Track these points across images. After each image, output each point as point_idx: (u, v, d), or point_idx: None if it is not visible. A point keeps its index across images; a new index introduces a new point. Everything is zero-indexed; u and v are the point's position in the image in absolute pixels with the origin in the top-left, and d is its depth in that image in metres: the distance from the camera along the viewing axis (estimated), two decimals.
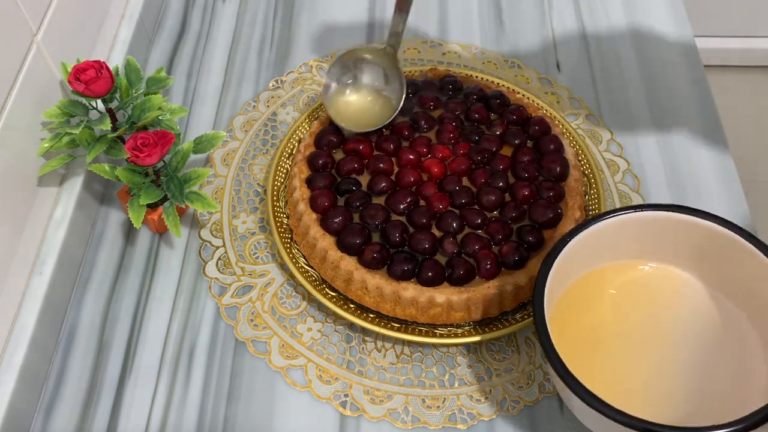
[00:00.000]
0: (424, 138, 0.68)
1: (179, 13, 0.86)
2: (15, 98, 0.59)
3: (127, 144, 0.59)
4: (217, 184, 0.71)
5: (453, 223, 0.61)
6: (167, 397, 0.59)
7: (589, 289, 0.56)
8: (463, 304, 0.58)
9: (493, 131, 0.69)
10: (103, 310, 0.64)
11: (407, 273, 0.59)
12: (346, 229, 0.61)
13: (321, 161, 0.66)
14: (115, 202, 0.70)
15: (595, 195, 0.67)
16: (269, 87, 0.79)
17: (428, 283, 0.58)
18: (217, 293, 0.64)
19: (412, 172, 0.65)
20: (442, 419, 0.57)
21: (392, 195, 0.64)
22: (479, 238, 0.61)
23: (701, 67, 0.81)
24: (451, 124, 0.69)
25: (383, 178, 0.65)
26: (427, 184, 0.65)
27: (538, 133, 0.68)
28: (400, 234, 0.61)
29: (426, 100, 0.71)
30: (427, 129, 0.69)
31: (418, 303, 0.58)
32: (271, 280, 0.65)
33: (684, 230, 0.54)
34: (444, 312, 0.59)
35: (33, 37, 0.62)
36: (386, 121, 0.67)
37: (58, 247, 0.62)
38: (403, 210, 0.63)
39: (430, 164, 0.66)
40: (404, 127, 0.69)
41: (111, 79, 0.61)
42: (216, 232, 0.68)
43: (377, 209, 0.62)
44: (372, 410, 0.58)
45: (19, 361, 0.56)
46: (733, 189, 0.71)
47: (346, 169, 0.66)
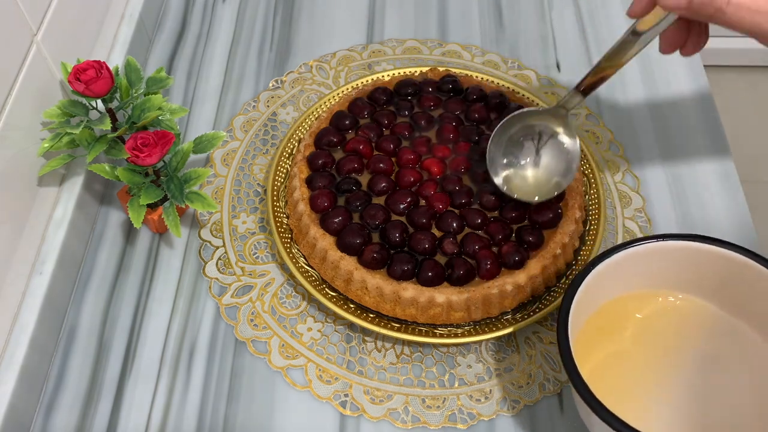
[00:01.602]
0: (424, 138, 0.68)
1: (179, 13, 0.86)
2: (15, 98, 0.59)
3: (127, 144, 0.59)
4: (217, 184, 0.71)
5: (453, 223, 0.61)
6: (167, 397, 0.59)
7: (613, 316, 0.56)
8: (463, 304, 0.58)
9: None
10: (103, 310, 0.63)
11: (407, 273, 0.59)
12: (346, 229, 0.61)
13: (321, 161, 0.66)
14: (115, 202, 0.70)
15: (594, 195, 0.67)
16: (269, 87, 0.79)
17: (428, 283, 0.58)
18: (217, 293, 0.64)
19: (411, 172, 0.65)
20: (442, 419, 0.57)
21: (392, 195, 0.64)
22: (479, 238, 0.61)
23: (701, 67, 0.81)
24: (450, 124, 0.69)
25: (383, 177, 0.65)
26: (426, 183, 0.64)
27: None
28: (400, 234, 0.60)
29: (426, 100, 0.71)
30: (427, 129, 0.69)
31: (418, 303, 0.58)
32: (271, 280, 0.65)
33: (707, 260, 0.54)
34: (444, 312, 0.59)
35: (33, 37, 0.62)
36: (562, 189, 0.63)
37: (58, 247, 0.62)
38: (403, 210, 0.63)
39: (430, 164, 0.66)
40: (404, 127, 0.69)
41: (111, 79, 0.61)
42: (216, 232, 0.68)
43: (377, 209, 0.62)
44: (372, 410, 0.58)
45: (19, 360, 0.56)
46: (733, 189, 0.71)
47: (346, 169, 0.65)
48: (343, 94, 0.74)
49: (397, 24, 0.85)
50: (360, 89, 0.72)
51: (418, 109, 0.71)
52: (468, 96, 0.71)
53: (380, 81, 0.73)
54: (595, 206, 0.66)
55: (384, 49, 0.82)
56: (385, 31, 0.84)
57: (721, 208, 0.69)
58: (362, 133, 0.68)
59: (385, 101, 0.71)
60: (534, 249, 0.61)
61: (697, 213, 0.69)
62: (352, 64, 0.80)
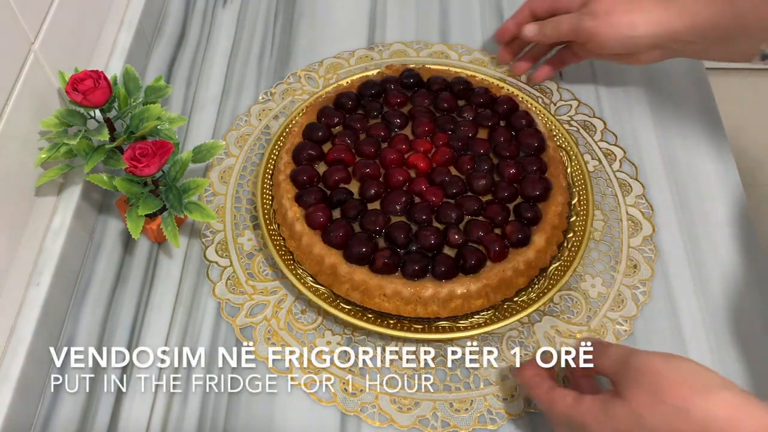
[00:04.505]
0: (402, 135, 0.68)
1: (179, 19, 0.86)
2: (12, 107, 0.58)
3: (126, 154, 0.58)
4: (217, 202, 0.70)
5: (452, 213, 0.62)
6: (165, 411, 0.58)
7: None
8: (482, 291, 0.59)
9: (465, 117, 0.69)
10: (101, 320, 0.63)
11: (421, 271, 0.59)
12: (352, 241, 0.60)
13: (305, 176, 0.65)
14: (113, 211, 0.69)
15: (577, 165, 0.69)
16: (259, 100, 0.78)
17: (444, 276, 0.58)
18: (230, 314, 0.63)
19: (399, 171, 0.65)
20: (472, 421, 0.57)
21: (386, 197, 0.63)
22: (481, 224, 0.61)
23: (703, 69, 0.81)
24: (424, 118, 0.69)
25: (373, 182, 0.64)
26: (417, 180, 0.64)
27: (508, 111, 0.69)
28: (405, 234, 0.60)
29: (392, 98, 0.71)
30: (402, 126, 0.69)
31: (439, 298, 0.58)
32: (284, 296, 0.64)
33: None
34: (465, 303, 0.59)
35: (30, 46, 0.61)
36: None
37: (56, 257, 0.61)
38: (401, 210, 0.63)
39: (415, 159, 0.66)
40: (379, 128, 0.68)
41: (109, 88, 0.60)
42: (222, 252, 0.66)
43: (376, 215, 0.62)
44: (400, 419, 0.57)
45: (16, 373, 0.56)
46: (734, 190, 0.71)
47: (333, 180, 0.65)
48: (306, 106, 0.73)
49: (399, 28, 0.84)
50: (324, 98, 0.72)
51: (387, 108, 0.70)
52: (431, 87, 0.72)
53: (341, 87, 0.73)
54: (580, 177, 0.68)
55: (371, 54, 0.81)
56: (387, 35, 0.84)
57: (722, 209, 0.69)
58: (339, 142, 0.67)
59: (351, 106, 0.70)
60: (534, 224, 0.62)
61: (699, 218, 0.69)
62: (341, 71, 0.80)
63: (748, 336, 0.62)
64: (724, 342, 0.62)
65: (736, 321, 0.63)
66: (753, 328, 0.62)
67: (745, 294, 0.64)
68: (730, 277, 0.65)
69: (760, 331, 0.62)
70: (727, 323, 0.62)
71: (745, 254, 0.66)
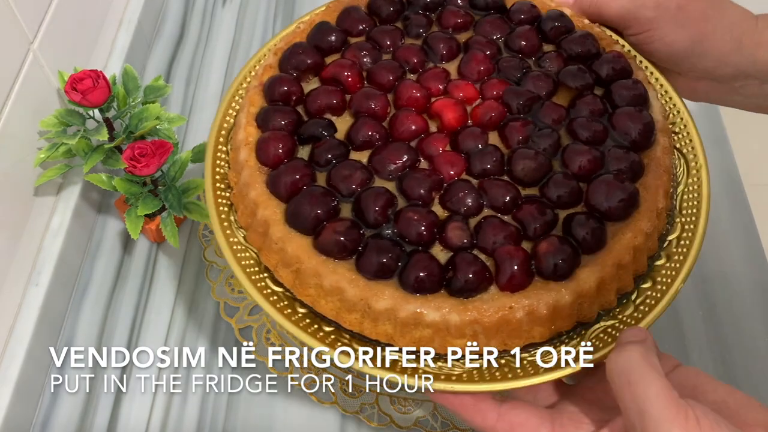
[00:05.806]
0: (440, 71, 0.49)
1: (178, 18, 0.85)
2: (11, 107, 0.58)
3: (125, 154, 0.58)
4: None
5: (467, 199, 0.42)
6: (165, 412, 0.58)
7: None
8: (467, 328, 0.39)
9: (545, 68, 0.50)
10: (100, 320, 0.63)
11: (384, 269, 0.40)
12: (302, 194, 0.42)
13: (282, 89, 0.47)
14: (112, 211, 0.69)
15: (697, 177, 0.47)
16: None
17: (416, 288, 0.39)
18: (230, 314, 0.62)
19: (414, 118, 0.46)
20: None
21: (381, 149, 0.45)
22: (503, 226, 0.41)
23: None
24: (482, 53, 0.49)
25: (371, 123, 0.45)
26: (434, 137, 0.45)
27: (613, 77, 0.48)
28: (383, 207, 0.42)
29: (450, 16, 0.51)
30: (448, 58, 0.50)
31: (397, 318, 0.40)
32: None
33: None
34: (436, 337, 0.40)
35: (29, 45, 0.61)
36: None
37: (55, 257, 0.61)
38: (394, 173, 0.44)
39: (444, 107, 0.46)
40: (413, 52, 0.49)
41: (108, 88, 0.60)
42: (221, 252, 0.66)
43: (354, 168, 0.43)
44: (400, 420, 0.57)
45: (16, 373, 0.55)
46: (736, 191, 0.70)
47: (319, 105, 0.47)
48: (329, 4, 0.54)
49: None
50: None
51: (438, 27, 0.52)
52: (513, 15, 0.52)
53: None
54: (694, 195, 0.47)
55: None
56: None
57: (724, 209, 0.69)
58: (350, 56, 0.49)
59: (390, 13, 0.52)
60: (589, 251, 0.41)
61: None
62: None
63: (748, 336, 0.62)
64: (725, 342, 0.61)
65: (737, 321, 0.62)
66: (753, 328, 0.62)
67: (746, 294, 0.64)
68: (731, 277, 0.65)
69: (761, 331, 0.62)
70: (727, 323, 0.62)
71: (745, 254, 0.66)
